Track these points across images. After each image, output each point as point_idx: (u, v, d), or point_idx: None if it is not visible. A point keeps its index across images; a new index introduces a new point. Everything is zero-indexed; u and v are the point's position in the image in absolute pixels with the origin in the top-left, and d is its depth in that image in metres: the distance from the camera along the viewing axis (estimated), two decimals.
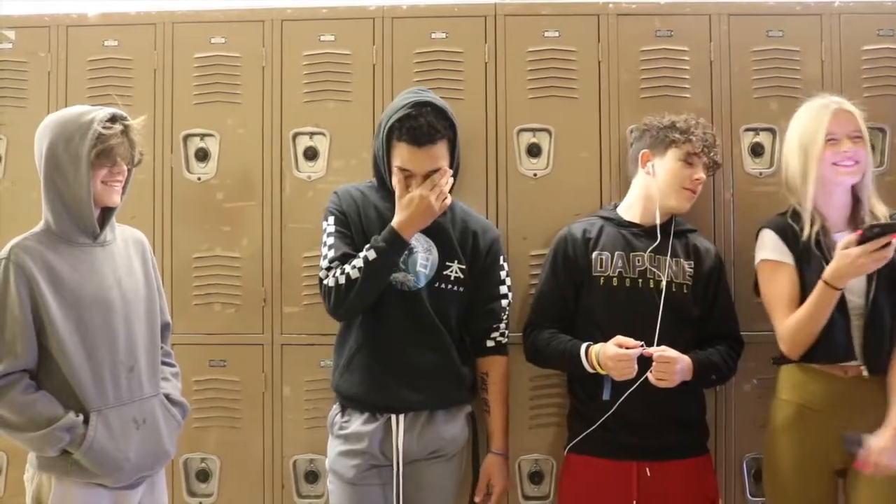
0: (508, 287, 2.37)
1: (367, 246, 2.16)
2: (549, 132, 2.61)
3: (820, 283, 2.07)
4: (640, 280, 2.30)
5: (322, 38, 2.65)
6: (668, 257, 2.30)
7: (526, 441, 2.58)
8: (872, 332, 2.12)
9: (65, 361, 1.90)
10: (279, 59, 2.65)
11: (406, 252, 2.20)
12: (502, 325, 2.35)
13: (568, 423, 2.43)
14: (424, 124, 2.12)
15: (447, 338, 2.26)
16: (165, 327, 2.20)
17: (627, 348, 2.17)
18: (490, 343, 2.34)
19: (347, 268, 2.15)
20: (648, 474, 2.23)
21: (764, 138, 2.60)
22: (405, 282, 2.23)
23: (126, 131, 1.98)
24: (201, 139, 2.68)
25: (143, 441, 2.00)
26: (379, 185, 2.31)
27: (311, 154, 2.65)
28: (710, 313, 2.35)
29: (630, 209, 2.41)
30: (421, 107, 2.15)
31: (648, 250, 2.31)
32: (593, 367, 2.22)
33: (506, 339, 2.37)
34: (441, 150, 2.15)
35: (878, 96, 2.56)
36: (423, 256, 2.24)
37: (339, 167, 2.62)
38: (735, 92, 2.60)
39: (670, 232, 2.33)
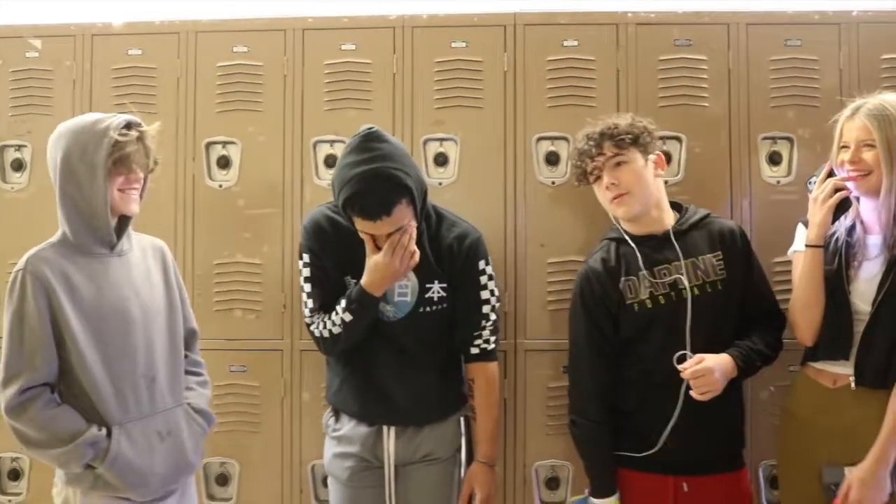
0: (492, 292, 2.26)
1: (342, 306, 2.15)
2: (568, 140, 2.62)
3: None
4: (673, 293, 2.17)
5: (343, 46, 2.68)
6: (684, 261, 2.18)
7: (542, 447, 2.59)
8: (866, 340, 2.05)
9: (85, 374, 1.86)
10: (300, 68, 2.68)
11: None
12: (486, 332, 2.26)
13: None
14: (375, 202, 2.00)
15: (434, 361, 2.25)
16: (191, 334, 2.16)
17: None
18: (474, 350, 2.26)
19: (329, 324, 2.18)
20: (686, 489, 2.14)
21: (782, 147, 2.61)
22: (385, 312, 2.20)
23: (141, 138, 1.92)
24: (223, 147, 2.71)
25: (167, 453, 1.96)
26: None
27: (331, 162, 2.66)
28: (746, 294, 2.22)
29: (633, 225, 2.25)
30: (368, 180, 2.00)
31: (666, 260, 2.18)
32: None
33: (492, 346, 2.27)
34: (399, 212, 2.04)
35: None
36: (402, 284, 2.19)
37: None
38: (753, 100, 2.61)
39: (684, 228, 2.21)
